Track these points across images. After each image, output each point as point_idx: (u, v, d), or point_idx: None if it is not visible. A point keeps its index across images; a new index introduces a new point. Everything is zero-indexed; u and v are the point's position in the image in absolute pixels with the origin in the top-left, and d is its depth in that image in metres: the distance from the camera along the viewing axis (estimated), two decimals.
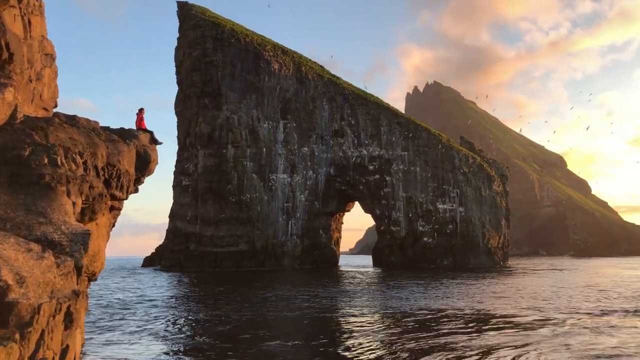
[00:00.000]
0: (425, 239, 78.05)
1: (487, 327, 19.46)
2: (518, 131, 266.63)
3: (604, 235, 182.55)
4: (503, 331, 18.44)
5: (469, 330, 18.72)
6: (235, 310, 24.34)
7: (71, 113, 12.53)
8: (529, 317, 22.04)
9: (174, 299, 30.77)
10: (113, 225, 15.34)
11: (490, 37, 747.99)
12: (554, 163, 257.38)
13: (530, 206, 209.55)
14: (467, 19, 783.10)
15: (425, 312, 23.79)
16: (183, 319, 22.09)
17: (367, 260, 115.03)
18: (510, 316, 22.26)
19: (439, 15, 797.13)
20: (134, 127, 16.42)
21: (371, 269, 71.44)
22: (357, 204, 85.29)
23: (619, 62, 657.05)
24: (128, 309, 25.67)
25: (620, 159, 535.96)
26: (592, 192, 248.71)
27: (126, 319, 21.96)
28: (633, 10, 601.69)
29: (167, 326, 20.22)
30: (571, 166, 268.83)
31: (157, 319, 22.02)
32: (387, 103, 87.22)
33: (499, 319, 21.39)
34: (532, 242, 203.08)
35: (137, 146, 14.40)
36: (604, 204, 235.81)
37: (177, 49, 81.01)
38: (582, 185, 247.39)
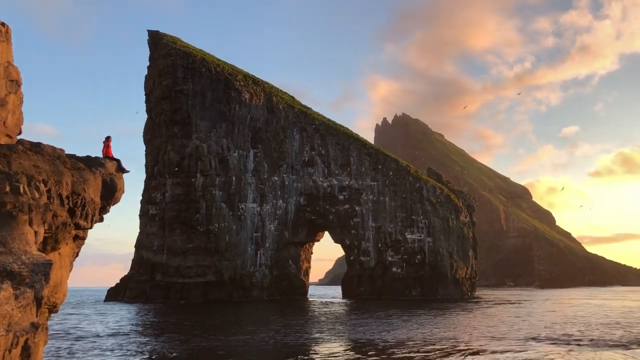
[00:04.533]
0: (394, 269, 78.15)
1: None
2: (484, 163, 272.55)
3: (568, 266, 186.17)
4: None
5: None
6: (200, 342, 23.79)
7: (33, 139, 12.28)
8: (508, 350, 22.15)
9: (136, 333, 29.92)
10: (76, 255, 14.93)
11: (456, 70, 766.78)
12: (520, 194, 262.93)
13: (496, 237, 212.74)
14: (433, 51, 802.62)
15: (401, 346, 23.67)
16: (146, 355, 21.46)
17: (337, 290, 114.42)
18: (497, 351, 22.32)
19: (404, 48, 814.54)
20: (101, 155, 16.17)
21: (340, 300, 70.99)
22: (327, 233, 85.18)
23: (581, 96, 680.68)
24: (88, 343, 24.83)
25: (583, 191, 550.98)
26: (557, 223, 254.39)
27: (86, 355, 21.22)
28: (593, 45, 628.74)
29: None
30: (536, 197, 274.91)
31: (116, 356, 21.34)
32: (356, 134, 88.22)
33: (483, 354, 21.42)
34: (499, 273, 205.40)
35: (104, 174, 14.14)
36: (568, 235, 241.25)
37: (147, 77, 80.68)
38: (546, 217, 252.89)
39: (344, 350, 21.79)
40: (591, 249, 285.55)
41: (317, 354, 20.92)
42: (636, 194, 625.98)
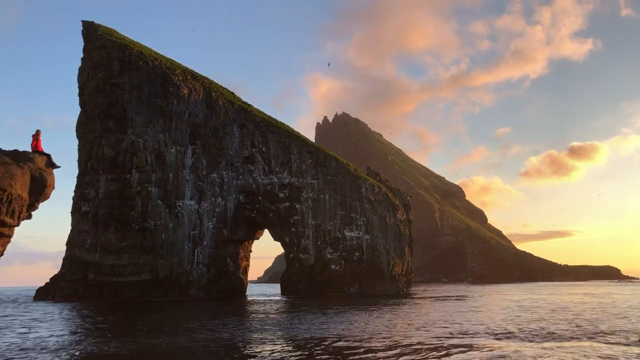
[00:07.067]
0: (333, 266, 78.98)
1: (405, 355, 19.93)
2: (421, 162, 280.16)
3: (499, 262, 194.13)
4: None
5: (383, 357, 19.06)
6: (130, 343, 23.25)
7: None
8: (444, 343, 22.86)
9: (72, 333, 28.85)
10: (1, 254, 14.26)
11: (395, 70, 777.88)
12: (454, 193, 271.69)
13: (432, 234, 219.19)
14: (373, 51, 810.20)
15: (338, 340, 23.97)
16: (84, 355, 20.76)
17: (276, 288, 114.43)
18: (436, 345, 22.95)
19: (344, 47, 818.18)
20: (30, 150, 15.52)
21: (279, 298, 71.05)
22: (266, 231, 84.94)
23: (514, 98, 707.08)
24: (22, 345, 23.73)
25: (512, 190, 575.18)
26: (488, 222, 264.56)
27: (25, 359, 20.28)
28: (525, 50, 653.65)
29: None
30: (469, 196, 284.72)
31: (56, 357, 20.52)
32: (297, 131, 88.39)
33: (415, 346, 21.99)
34: (434, 269, 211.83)
35: (32, 169, 13.59)
36: (499, 233, 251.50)
37: (80, 69, 77.70)
38: (479, 215, 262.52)
39: (285, 348, 21.87)
40: (520, 246, 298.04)
41: (257, 352, 20.91)
42: (562, 193, 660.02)
